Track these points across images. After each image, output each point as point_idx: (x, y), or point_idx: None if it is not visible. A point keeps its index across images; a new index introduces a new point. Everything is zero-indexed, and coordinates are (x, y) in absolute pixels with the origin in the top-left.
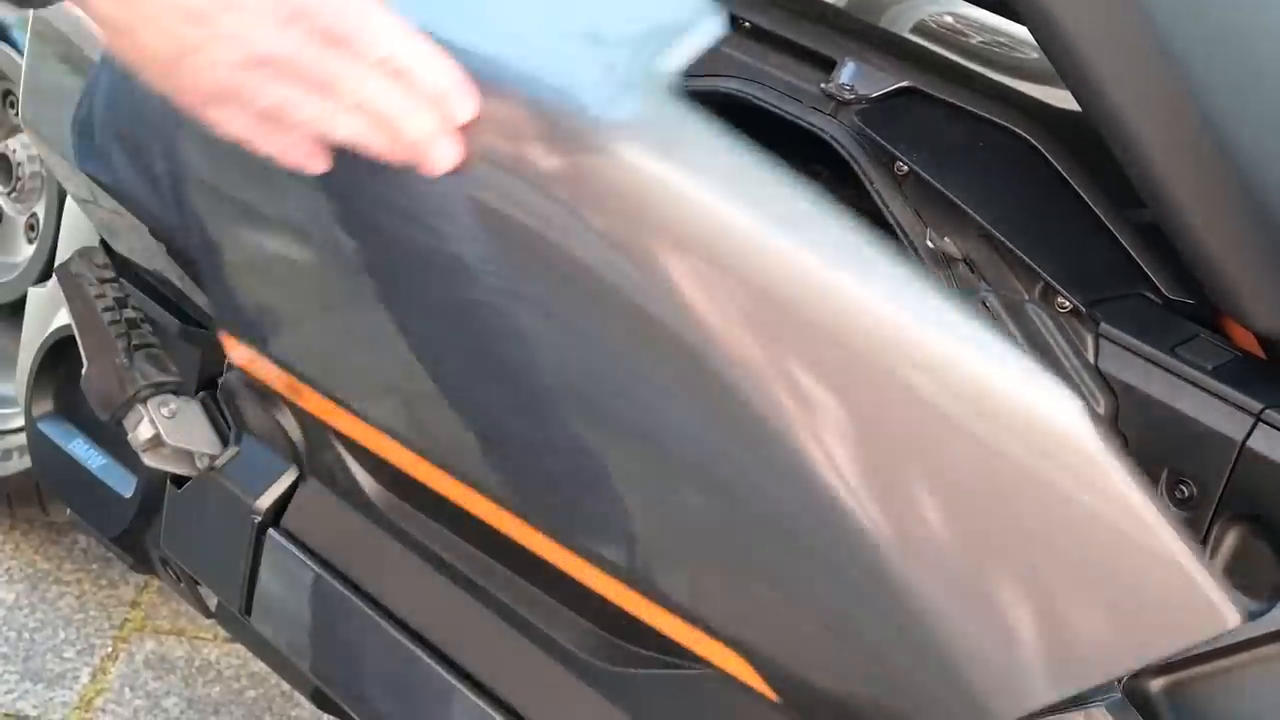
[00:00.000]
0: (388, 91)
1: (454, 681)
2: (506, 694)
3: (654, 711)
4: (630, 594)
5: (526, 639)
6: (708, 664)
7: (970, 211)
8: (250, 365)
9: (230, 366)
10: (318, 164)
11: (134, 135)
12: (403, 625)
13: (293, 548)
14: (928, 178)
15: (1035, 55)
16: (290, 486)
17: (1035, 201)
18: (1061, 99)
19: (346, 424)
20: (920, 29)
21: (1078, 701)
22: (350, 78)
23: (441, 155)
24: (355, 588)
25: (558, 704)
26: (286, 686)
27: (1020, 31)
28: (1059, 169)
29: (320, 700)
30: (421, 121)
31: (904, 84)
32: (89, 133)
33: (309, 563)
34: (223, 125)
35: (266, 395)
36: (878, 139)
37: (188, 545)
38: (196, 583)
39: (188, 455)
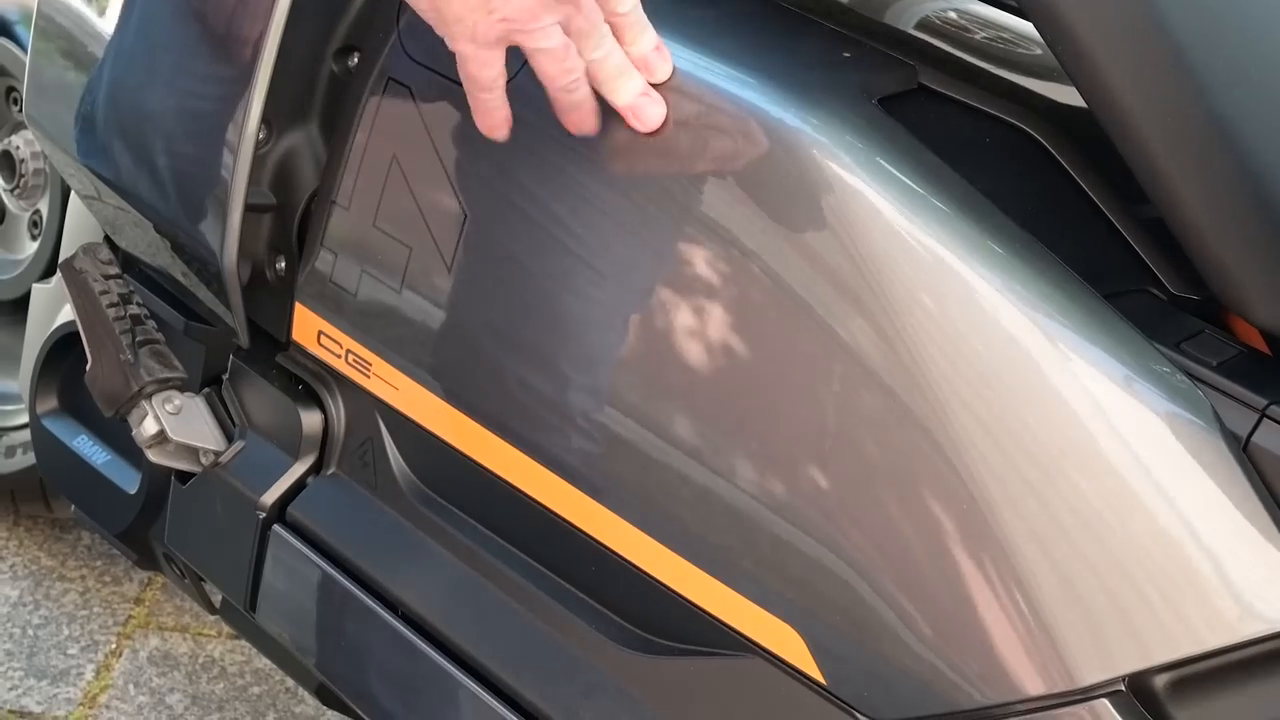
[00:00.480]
0: (616, 51)
1: (463, 678)
2: (522, 688)
3: (683, 699)
4: (688, 570)
5: (547, 633)
6: (750, 646)
7: None
8: (317, 339)
9: (237, 362)
10: (504, 133)
11: (137, 130)
12: (416, 621)
13: (298, 543)
14: None
15: (1040, 51)
16: (296, 482)
17: (1040, 198)
18: (1067, 95)
19: (411, 400)
20: (924, 25)
21: (1082, 694)
22: (602, 34)
23: (652, 114)
24: (363, 583)
25: (580, 696)
26: (291, 683)
27: (1024, 27)
28: (1064, 165)
29: (325, 696)
30: (636, 82)
31: None
32: (92, 127)
33: (315, 558)
34: (480, 69)
35: (311, 377)
36: None
37: (192, 541)
38: (201, 579)
39: (192, 451)
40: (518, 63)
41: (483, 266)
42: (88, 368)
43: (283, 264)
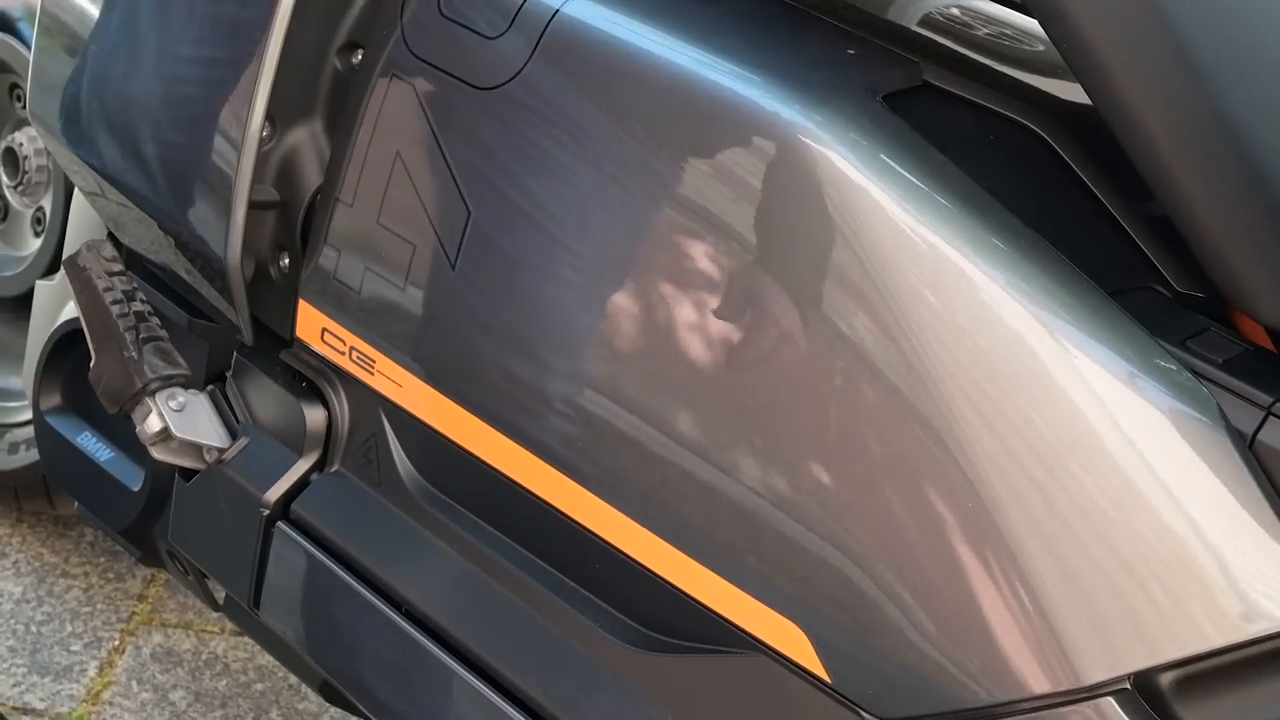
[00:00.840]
0: None
1: (467, 675)
2: (526, 685)
3: (688, 697)
4: (694, 568)
5: (551, 630)
6: (756, 644)
7: None
8: (321, 336)
9: (240, 359)
10: None
11: (140, 127)
12: (420, 618)
13: (302, 540)
14: None
15: (1042, 48)
16: (300, 479)
17: (1045, 195)
18: (1071, 92)
19: (415, 397)
20: (927, 22)
21: (1087, 692)
22: None
23: None
24: (367, 580)
25: (583, 693)
26: (294, 680)
27: (1028, 24)
28: (1069, 162)
29: (328, 693)
30: None
31: None
32: (76, 116)
33: (319, 555)
34: None
35: (314, 374)
36: None
37: (195, 538)
38: (204, 576)
39: (196, 448)
40: (521, 58)
41: (486, 263)
42: (91, 365)
43: (286, 261)
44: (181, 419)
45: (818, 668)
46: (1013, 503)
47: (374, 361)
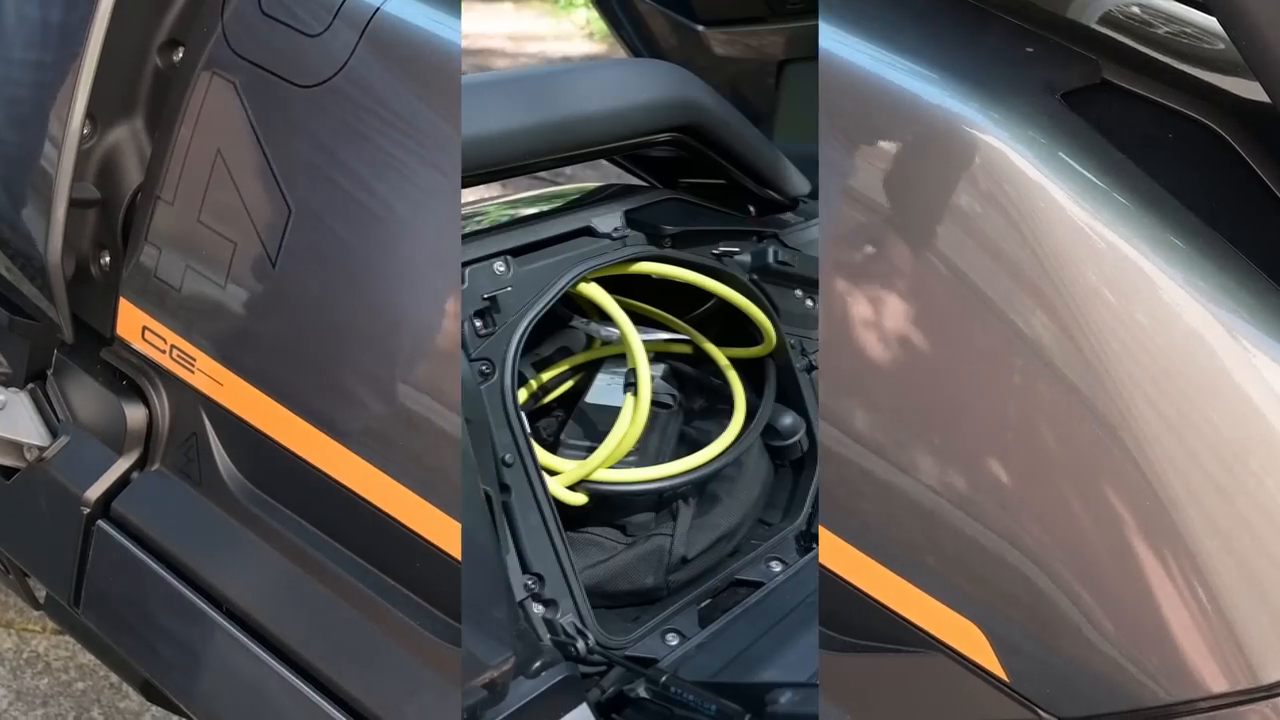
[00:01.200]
0: None
1: (288, 674)
2: (346, 683)
3: (868, 695)
4: (873, 569)
5: (372, 629)
6: (934, 643)
7: None
8: (141, 335)
9: (61, 357)
10: None
11: None
12: (241, 617)
13: (123, 539)
14: None
15: (1223, 46)
16: (121, 478)
17: (1225, 194)
18: (1252, 90)
19: (236, 396)
20: (1108, 19)
21: (1265, 691)
22: None
23: None
24: (188, 579)
25: (404, 691)
26: (115, 678)
27: (1208, 22)
28: (1249, 161)
29: (149, 692)
30: None
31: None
32: None
33: (139, 554)
34: None
35: (135, 373)
36: None
37: (16, 536)
38: (25, 574)
39: (16, 446)
40: (344, 55)
41: (307, 261)
42: None
43: (107, 259)
44: (1, 417)
45: (996, 667)
46: (1191, 502)
47: (194, 360)
